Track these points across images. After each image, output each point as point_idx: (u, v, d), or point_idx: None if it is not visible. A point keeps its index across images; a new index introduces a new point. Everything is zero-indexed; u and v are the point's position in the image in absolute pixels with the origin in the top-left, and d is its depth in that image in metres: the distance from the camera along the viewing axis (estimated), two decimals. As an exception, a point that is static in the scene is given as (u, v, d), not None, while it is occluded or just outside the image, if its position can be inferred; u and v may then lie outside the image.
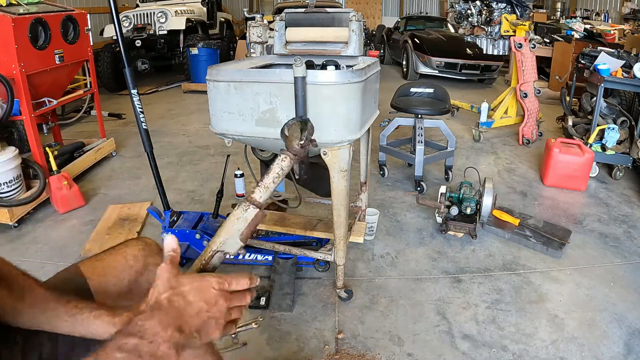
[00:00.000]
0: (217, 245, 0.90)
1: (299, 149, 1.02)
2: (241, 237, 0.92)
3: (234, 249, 0.92)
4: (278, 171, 1.00)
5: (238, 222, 0.92)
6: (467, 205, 2.67)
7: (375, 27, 10.88)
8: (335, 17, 2.22)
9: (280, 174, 1.00)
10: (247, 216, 0.93)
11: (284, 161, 1.02)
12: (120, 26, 2.12)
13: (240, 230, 0.92)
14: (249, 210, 0.94)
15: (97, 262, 1.06)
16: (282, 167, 1.01)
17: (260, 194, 0.98)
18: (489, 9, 5.02)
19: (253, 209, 0.94)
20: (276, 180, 0.99)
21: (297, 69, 1.59)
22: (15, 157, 2.76)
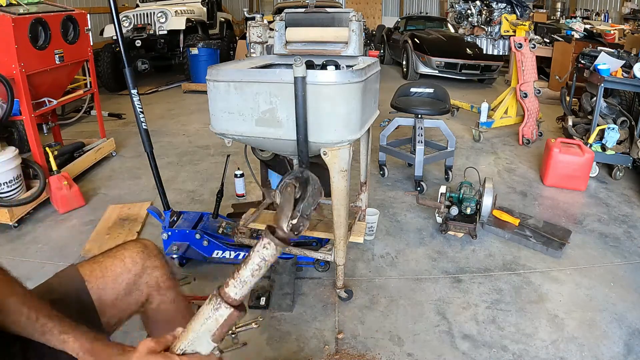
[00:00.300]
0: (185, 345, 0.76)
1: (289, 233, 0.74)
2: (213, 337, 0.77)
3: (207, 349, 0.77)
4: (259, 262, 0.76)
5: (208, 322, 0.76)
6: (467, 205, 2.67)
7: (375, 27, 10.88)
8: (335, 17, 2.22)
9: (261, 265, 0.76)
10: (218, 317, 0.76)
11: (266, 248, 0.75)
12: (120, 26, 2.12)
13: (211, 332, 0.76)
14: (221, 310, 0.76)
15: (95, 265, 1.05)
16: (263, 257, 0.76)
17: (235, 291, 0.77)
18: (489, 9, 5.02)
19: (226, 309, 0.76)
20: (256, 273, 0.76)
21: (297, 69, 1.59)
22: (15, 157, 2.76)
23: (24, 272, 2.27)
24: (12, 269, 0.92)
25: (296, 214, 0.74)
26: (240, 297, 0.78)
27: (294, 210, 0.74)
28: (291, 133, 1.72)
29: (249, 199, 3.16)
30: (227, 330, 0.78)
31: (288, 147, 1.81)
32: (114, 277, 1.05)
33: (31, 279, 2.21)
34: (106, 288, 1.03)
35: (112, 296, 1.04)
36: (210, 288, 2.17)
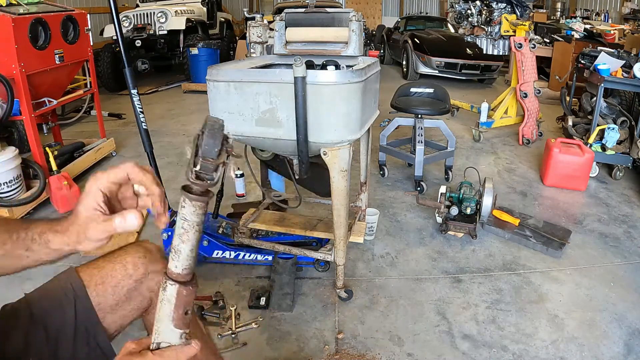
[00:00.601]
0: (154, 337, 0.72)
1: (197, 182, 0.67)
2: (174, 322, 0.71)
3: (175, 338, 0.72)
4: (182, 224, 0.71)
5: (163, 306, 0.71)
6: (467, 205, 2.67)
7: (375, 27, 10.88)
8: (335, 17, 2.22)
9: (187, 227, 0.70)
10: (169, 297, 0.71)
11: (183, 207, 0.70)
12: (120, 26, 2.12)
13: (170, 315, 0.71)
14: (168, 289, 0.71)
15: (95, 270, 1.03)
16: (184, 217, 0.70)
17: (174, 264, 0.72)
18: (489, 9, 5.02)
19: (171, 286, 0.71)
20: (184, 238, 0.71)
21: (297, 69, 1.59)
22: (15, 157, 2.75)
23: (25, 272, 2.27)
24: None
25: (198, 160, 0.66)
26: (183, 270, 0.72)
27: (195, 157, 0.66)
28: (291, 133, 1.72)
29: (249, 199, 3.16)
30: (183, 311, 0.72)
31: (288, 147, 1.81)
32: (115, 283, 1.02)
33: (31, 279, 2.21)
34: (106, 295, 1.01)
35: (112, 302, 1.01)
36: (210, 288, 2.17)
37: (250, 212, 2.43)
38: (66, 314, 0.96)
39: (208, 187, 0.69)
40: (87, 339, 0.97)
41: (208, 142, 0.66)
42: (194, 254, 0.73)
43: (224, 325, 1.93)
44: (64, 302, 0.97)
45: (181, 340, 0.72)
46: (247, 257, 2.30)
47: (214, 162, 0.66)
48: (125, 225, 0.77)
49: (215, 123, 0.66)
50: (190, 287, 0.73)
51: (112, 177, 0.80)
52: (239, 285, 2.22)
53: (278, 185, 2.80)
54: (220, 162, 0.67)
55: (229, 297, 2.12)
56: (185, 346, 0.72)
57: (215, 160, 0.66)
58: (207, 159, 0.66)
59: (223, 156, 0.67)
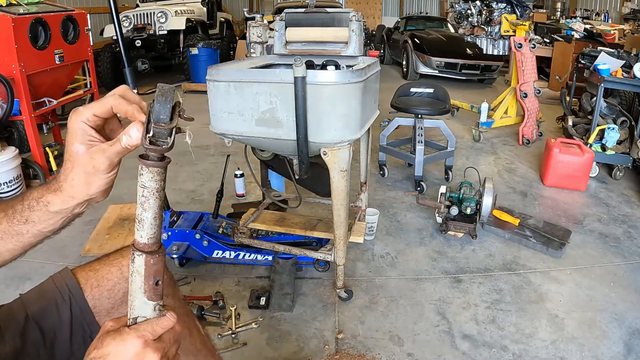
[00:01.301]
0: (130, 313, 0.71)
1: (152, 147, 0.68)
2: (147, 295, 0.70)
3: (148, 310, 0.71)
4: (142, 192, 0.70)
5: (134, 278, 0.71)
6: (467, 205, 2.67)
7: (375, 27, 10.88)
8: (335, 17, 2.22)
9: (146, 194, 0.70)
10: (138, 268, 0.70)
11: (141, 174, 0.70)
12: (120, 26, 2.12)
13: (142, 288, 0.70)
14: (136, 260, 0.70)
15: (91, 273, 1.02)
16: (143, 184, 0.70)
17: (140, 234, 0.70)
18: (489, 9, 5.03)
19: (139, 256, 0.70)
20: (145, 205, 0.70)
21: (297, 69, 1.59)
22: (15, 157, 2.76)
23: (24, 272, 2.27)
24: (12, 269, 0.92)
25: (150, 126, 0.66)
26: (149, 240, 0.70)
27: (148, 123, 0.66)
28: (291, 133, 1.72)
29: (249, 199, 3.16)
30: (153, 282, 0.70)
31: (288, 147, 1.81)
32: (110, 287, 1.01)
33: (31, 279, 2.22)
34: (102, 298, 1.00)
35: (108, 306, 1.01)
36: (210, 288, 2.17)
37: (250, 212, 2.43)
38: (62, 314, 0.95)
39: (163, 152, 0.69)
40: (83, 338, 0.97)
41: (159, 107, 0.66)
42: (157, 222, 0.71)
43: (224, 325, 1.93)
44: (60, 302, 0.96)
45: (155, 312, 0.71)
46: (247, 257, 2.30)
47: (166, 127, 0.66)
48: (131, 140, 0.74)
49: (166, 89, 0.66)
50: (157, 256, 0.71)
51: (95, 110, 0.75)
52: (239, 285, 2.22)
53: (278, 185, 2.80)
54: (172, 127, 0.67)
55: (229, 297, 2.12)
56: (160, 318, 0.71)
57: (167, 124, 0.66)
58: (159, 124, 0.66)
59: (175, 120, 0.67)
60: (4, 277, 2.23)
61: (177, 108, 0.67)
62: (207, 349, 1.16)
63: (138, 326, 0.69)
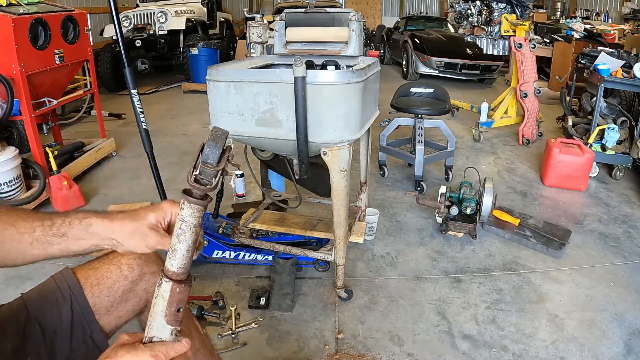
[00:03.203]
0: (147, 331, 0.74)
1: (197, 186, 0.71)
2: (166, 319, 0.73)
3: (166, 333, 0.74)
4: (180, 225, 0.73)
5: (157, 302, 0.74)
6: (467, 205, 2.67)
7: (375, 27, 10.88)
8: (335, 17, 2.22)
9: (184, 228, 0.73)
10: (163, 293, 0.74)
11: (182, 209, 0.73)
12: (120, 26, 2.12)
13: (163, 311, 0.74)
14: (163, 285, 0.73)
15: (91, 272, 1.03)
16: (182, 218, 0.73)
17: (171, 262, 0.74)
18: (489, 9, 5.03)
19: (166, 283, 0.73)
20: (182, 238, 0.74)
21: (297, 69, 1.59)
22: (15, 157, 2.76)
23: (24, 272, 2.27)
24: (12, 269, 0.93)
25: (198, 164, 0.71)
26: (179, 269, 0.75)
27: (196, 162, 0.72)
28: (291, 133, 1.72)
29: (249, 199, 3.16)
30: (175, 308, 0.74)
31: (288, 147, 1.81)
32: (110, 284, 1.02)
33: (31, 279, 2.22)
34: (102, 296, 1.01)
35: (107, 304, 1.02)
36: (210, 288, 2.17)
37: (250, 212, 2.43)
38: (62, 313, 0.96)
39: (206, 192, 0.73)
40: (83, 337, 0.97)
41: (209, 149, 0.70)
42: (189, 254, 0.76)
43: (224, 325, 1.93)
44: (60, 300, 0.97)
45: (172, 336, 0.75)
46: (247, 257, 2.30)
47: (213, 168, 0.71)
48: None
49: (219, 134, 0.72)
50: (183, 286, 0.75)
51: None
52: (239, 285, 2.22)
53: (278, 185, 2.80)
54: (219, 169, 0.72)
55: (229, 297, 2.12)
56: (175, 342, 0.74)
57: (214, 166, 0.71)
58: (207, 164, 0.71)
59: (222, 163, 0.72)
60: (4, 277, 2.23)
61: (226, 152, 0.72)
62: (206, 349, 1.16)
63: (153, 345, 0.72)
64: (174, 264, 0.75)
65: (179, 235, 0.74)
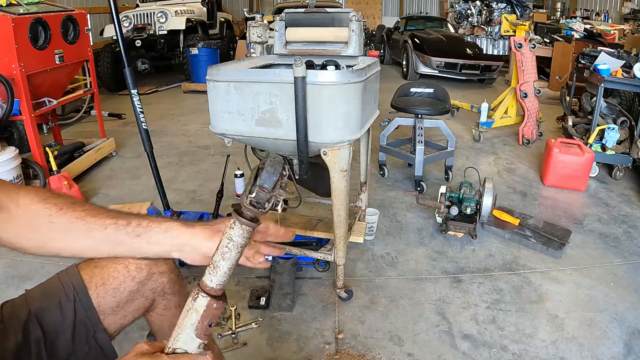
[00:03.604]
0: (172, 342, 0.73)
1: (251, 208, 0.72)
2: (196, 332, 0.73)
3: (193, 347, 0.73)
4: (227, 244, 0.73)
5: (189, 315, 0.73)
6: (467, 205, 2.67)
7: (375, 27, 10.88)
8: (335, 17, 2.22)
9: (231, 247, 0.74)
10: (198, 307, 0.73)
11: (232, 228, 0.73)
12: (120, 26, 2.12)
13: (194, 325, 0.73)
14: (199, 300, 0.73)
15: (97, 270, 1.00)
16: (230, 237, 0.73)
17: (210, 278, 0.74)
18: (489, 9, 5.02)
19: (203, 298, 0.73)
20: (226, 256, 0.74)
21: (297, 69, 1.59)
22: (15, 157, 2.76)
23: (24, 272, 2.27)
24: (13, 269, 0.93)
25: (254, 188, 0.72)
26: (217, 285, 0.75)
27: (252, 185, 0.73)
28: (291, 133, 1.72)
29: (249, 199, 3.15)
30: (208, 323, 0.74)
31: (288, 147, 1.81)
32: (116, 285, 1.00)
33: (31, 279, 2.22)
34: (107, 296, 0.99)
35: (113, 304, 1.00)
36: (210, 288, 2.17)
37: (250, 212, 2.42)
38: (65, 313, 0.95)
39: (258, 215, 0.74)
40: (86, 337, 0.97)
41: (266, 175, 0.72)
42: (230, 272, 0.76)
43: (224, 325, 1.93)
44: (64, 300, 0.96)
45: (199, 350, 0.74)
46: (247, 257, 2.30)
47: (268, 194, 0.73)
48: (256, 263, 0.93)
49: (277, 160, 0.73)
50: (220, 302, 0.74)
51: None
52: (239, 285, 2.22)
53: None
54: (273, 194, 0.73)
55: (229, 297, 2.12)
56: (200, 356, 0.73)
57: (270, 192, 0.73)
58: (263, 189, 0.72)
59: (277, 190, 0.73)
60: (4, 276, 2.23)
61: (281, 180, 0.74)
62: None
63: (178, 357, 0.71)
64: (214, 280, 0.74)
65: (224, 253, 0.74)
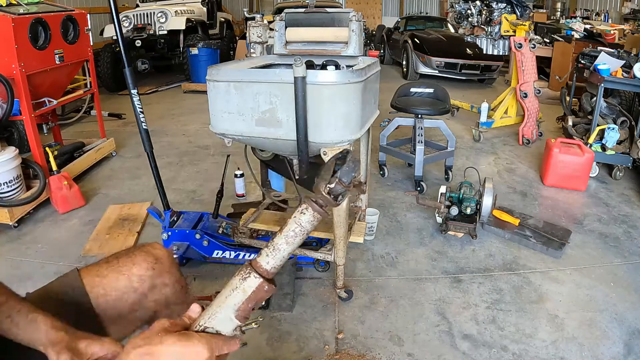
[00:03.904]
0: (206, 320, 0.69)
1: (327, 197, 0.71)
2: (237, 313, 0.69)
3: (228, 328, 0.69)
4: (294, 228, 0.71)
5: (234, 294, 0.69)
6: (467, 205, 2.67)
7: (375, 27, 10.88)
8: (335, 17, 2.22)
9: (297, 232, 0.71)
10: (246, 287, 0.69)
11: (303, 214, 0.71)
12: (120, 26, 2.12)
13: (237, 305, 0.69)
14: (250, 280, 0.69)
15: (98, 279, 0.98)
16: (300, 223, 0.71)
17: (267, 260, 0.71)
18: (489, 9, 5.02)
19: (255, 278, 0.69)
20: (291, 241, 0.71)
21: (297, 69, 1.59)
22: (15, 157, 2.75)
23: (24, 272, 2.27)
24: (13, 269, 0.92)
25: (334, 179, 0.72)
26: (272, 268, 0.72)
27: (332, 176, 0.72)
28: (291, 133, 1.72)
29: (249, 199, 3.16)
30: (252, 306, 0.70)
31: (288, 147, 1.81)
32: (117, 297, 0.97)
33: (31, 279, 2.22)
34: (107, 308, 0.97)
35: (113, 316, 0.98)
36: (210, 288, 2.17)
37: (250, 212, 2.43)
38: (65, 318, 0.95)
39: (330, 206, 0.74)
40: None
41: (347, 170, 0.72)
42: (288, 257, 0.74)
43: (224, 325, 1.92)
44: (64, 305, 0.95)
45: (234, 332, 0.71)
46: (247, 257, 2.30)
47: (344, 187, 0.73)
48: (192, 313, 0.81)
49: (356, 159, 0.74)
50: (271, 286, 0.72)
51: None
52: (239, 285, 2.22)
53: (278, 185, 2.80)
54: (348, 189, 0.73)
55: (229, 297, 2.12)
56: (232, 339, 0.69)
57: (346, 185, 0.73)
58: (342, 182, 0.72)
59: (351, 186, 0.73)
60: (5, 276, 2.22)
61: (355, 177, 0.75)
62: None
63: (210, 337, 0.67)
64: (270, 262, 0.72)
65: (288, 238, 0.72)
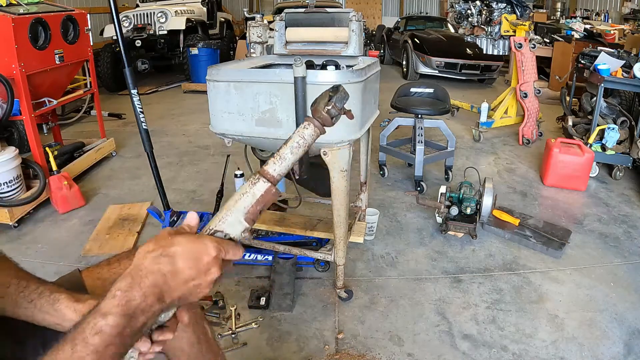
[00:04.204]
0: (216, 224, 0.75)
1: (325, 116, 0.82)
2: (246, 216, 0.75)
3: (237, 230, 0.75)
4: (298, 140, 0.81)
5: (244, 198, 0.75)
6: (467, 205, 2.67)
7: (375, 27, 10.88)
8: (335, 17, 2.22)
9: (300, 144, 0.81)
10: (256, 191, 0.76)
11: (306, 129, 0.82)
12: (120, 26, 2.12)
13: (246, 208, 0.75)
14: (259, 184, 0.76)
15: (99, 282, 0.96)
16: (303, 136, 0.82)
17: (274, 167, 0.79)
18: (489, 9, 5.02)
19: (263, 183, 0.77)
20: (295, 151, 0.81)
21: (297, 69, 1.59)
22: (15, 157, 2.75)
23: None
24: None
25: (331, 103, 0.83)
26: (278, 175, 0.80)
27: (329, 100, 0.83)
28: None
29: (249, 199, 3.15)
30: (260, 208, 0.77)
31: (288, 147, 1.81)
32: None
33: (31, 279, 2.22)
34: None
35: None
36: (210, 288, 2.17)
37: (250, 212, 2.42)
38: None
39: (327, 125, 0.85)
40: None
41: (341, 97, 0.85)
42: (291, 166, 0.83)
43: (224, 325, 1.93)
44: None
45: (242, 234, 0.76)
46: (247, 257, 2.30)
47: (338, 110, 0.85)
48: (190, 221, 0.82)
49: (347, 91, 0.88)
50: (277, 190, 0.79)
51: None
52: (239, 285, 2.22)
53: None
54: (340, 114, 0.86)
55: (229, 297, 2.12)
56: (237, 246, 0.73)
57: (339, 109, 0.85)
58: (336, 106, 0.84)
59: (343, 110, 0.86)
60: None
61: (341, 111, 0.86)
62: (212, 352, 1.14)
63: (220, 240, 0.72)
64: (277, 169, 0.80)
65: (294, 148, 0.82)
